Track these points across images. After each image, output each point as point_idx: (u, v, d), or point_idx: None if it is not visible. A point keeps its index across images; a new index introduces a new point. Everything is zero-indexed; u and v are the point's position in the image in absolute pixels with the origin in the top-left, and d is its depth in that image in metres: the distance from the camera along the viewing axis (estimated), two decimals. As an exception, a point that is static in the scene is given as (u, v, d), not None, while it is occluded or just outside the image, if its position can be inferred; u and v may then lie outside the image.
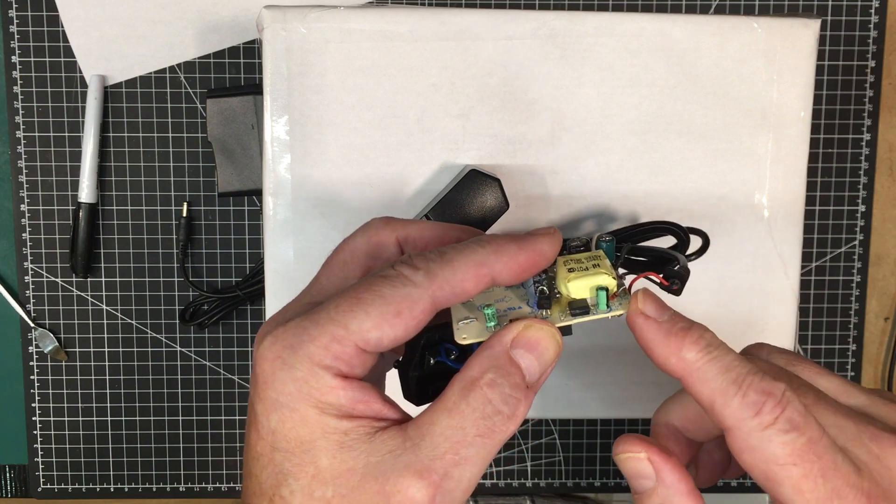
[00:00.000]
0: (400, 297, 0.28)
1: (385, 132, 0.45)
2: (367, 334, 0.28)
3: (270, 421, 0.28)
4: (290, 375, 0.28)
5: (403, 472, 0.27)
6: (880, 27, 0.58)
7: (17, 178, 0.58)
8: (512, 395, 0.28)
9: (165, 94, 0.57)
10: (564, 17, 0.45)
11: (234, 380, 0.60)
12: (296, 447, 0.28)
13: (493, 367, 0.29)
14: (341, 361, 0.28)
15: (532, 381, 0.29)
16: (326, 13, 0.44)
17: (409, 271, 0.29)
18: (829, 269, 0.60)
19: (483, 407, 0.28)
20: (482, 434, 0.28)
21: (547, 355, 0.29)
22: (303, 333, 0.28)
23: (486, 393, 0.28)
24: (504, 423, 0.28)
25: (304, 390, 0.27)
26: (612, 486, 0.62)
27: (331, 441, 0.27)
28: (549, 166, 0.45)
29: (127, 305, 0.59)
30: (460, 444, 0.27)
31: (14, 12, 0.57)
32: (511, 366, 0.29)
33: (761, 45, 0.45)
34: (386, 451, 0.27)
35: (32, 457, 0.60)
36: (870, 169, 0.60)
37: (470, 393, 0.28)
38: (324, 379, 0.28)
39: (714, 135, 0.46)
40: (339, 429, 0.28)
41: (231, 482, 0.61)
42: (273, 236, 0.45)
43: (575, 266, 0.31)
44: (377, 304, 0.28)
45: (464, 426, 0.27)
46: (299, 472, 0.28)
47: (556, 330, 0.30)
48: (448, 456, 0.27)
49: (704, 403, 0.29)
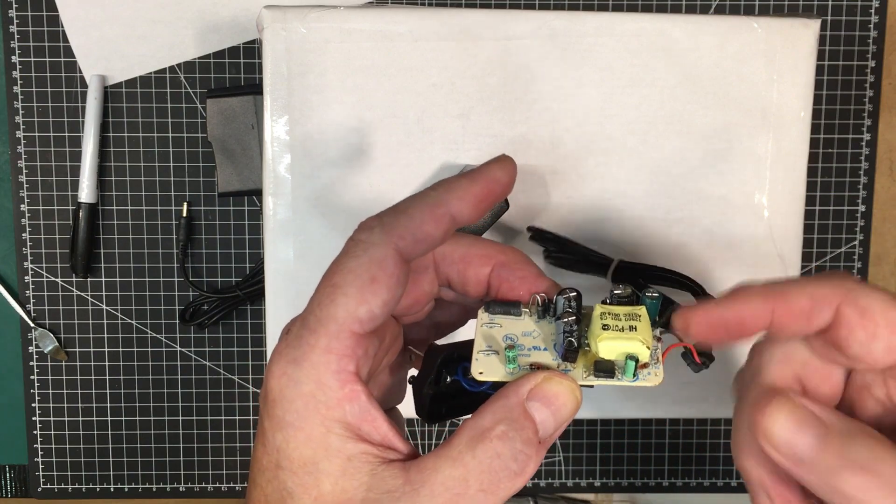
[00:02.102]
0: (366, 262, 0.28)
1: (385, 132, 0.45)
2: (355, 314, 0.27)
3: (276, 439, 0.28)
4: (296, 392, 0.27)
5: None
6: (880, 27, 0.58)
7: (17, 178, 0.58)
8: (523, 450, 0.27)
9: (165, 94, 0.57)
10: (564, 17, 0.45)
11: (234, 380, 0.60)
12: (299, 467, 0.27)
13: (506, 418, 0.27)
14: (345, 359, 0.27)
15: (545, 437, 0.28)
16: (326, 13, 0.44)
17: (364, 234, 0.28)
18: (829, 269, 0.60)
19: (490, 461, 0.27)
20: (485, 489, 0.26)
21: (564, 411, 0.28)
22: (302, 344, 0.28)
23: (496, 446, 0.27)
24: (510, 480, 0.27)
25: (311, 406, 0.27)
26: (613, 487, 0.62)
27: (334, 464, 0.27)
28: (549, 166, 0.45)
29: (127, 305, 0.59)
30: (460, 497, 0.26)
31: (14, 12, 0.57)
32: (525, 419, 0.27)
33: (761, 45, 0.45)
34: (385, 489, 0.27)
35: (32, 457, 0.60)
36: (870, 169, 0.59)
37: (478, 444, 0.27)
38: (331, 390, 0.27)
39: (714, 135, 0.46)
40: (343, 451, 0.27)
41: (231, 482, 0.61)
42: (273, 236, 0.45)
43: (611, 323, 0.29)
44: (350, 281, 0.27)
45: (467, 479, 0.26)
46: (302, 493, 0.27)
47: (576, 386, 0.28)
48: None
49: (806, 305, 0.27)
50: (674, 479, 0.62)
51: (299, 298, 0.45)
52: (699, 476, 0.62)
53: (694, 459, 0.62)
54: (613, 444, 0.62)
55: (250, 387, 0.60)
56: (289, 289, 0.46)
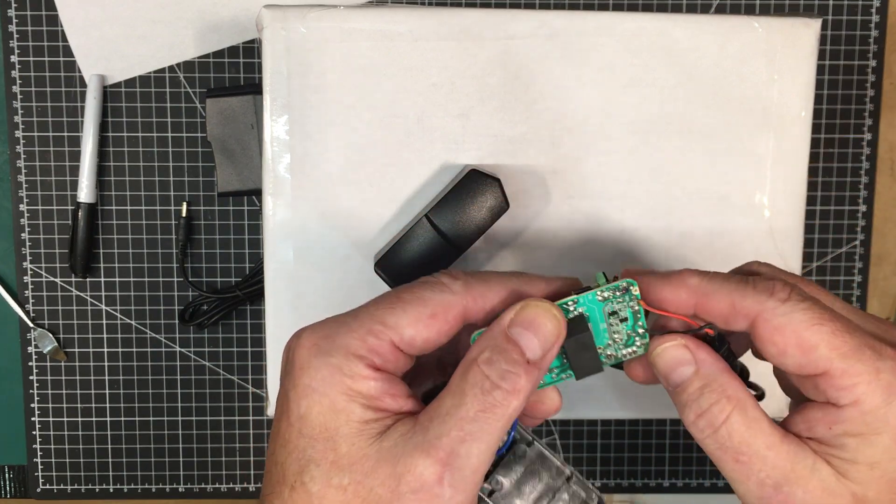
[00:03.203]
0: (437, 300, 0.30)
1: (385, 132, 0.45)
2: (402, 331, 0.30)
3: (300, 407, 0.29)
4: (324, 361, 0.29)
5: (413, 452, 0.28)
6: (881, 27, 0.58)
7: (16, 178, 0.58)
8: (509, 370, 0.29)
9: (165, 93, 0.57)
10: (564, 17, 0.45)
11: (233, 380, 0.60)
12: (320, 433, 0.29)
13: (489, 346, 0.30)
14: (375, 354, 0.29)
15: (534, 358, 0.30)
16: (326, 13, 0.44)
17: (448, 280, 0.31)
18: (830, 269, 0.60)
19: (481, 383, 0.29)
20: (484, 409, 0.28)
21: (546, 331, 0.30)
22: (341, 326, 0.30)
23: (483, 370, 0.29)
24: (504, 398, 0.28)
25: (337, 376, 0.29)
26: (613, 487, 0.62)
27: (352, 428, 0.29)
28: (549, 166, 0.45)
29: (127, 305, 0.59)
30: (464, 420, 0.28)
31: (13, 12, 0.56)
32: (508, 343, 0.30)
33: (762, 44, 0.45)
34: (398, 435, 0.28)
35: (32, 457, 0.60)
36: (870, 169, 0.59)
37: (468, 372, 0.29)
38: (357, 367, 0.29)
39: (714, 135, 0.46)
40: (362, 418, 0.29)
41: (231, 482, 0.61)
42: (273, 236, 0.45)
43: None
44: (415, 304, 0.30)
45: (465, 403, 0.28)
46: (321, 459, 0.29)
47: (554, 306, 0.31)
48: (453, 433, 0.28)
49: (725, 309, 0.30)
50: (674, 479, 0.62)
51: (299, 299, 0.45)
52: (699, 476, 0.62)
53: (694, 459, 0.62)
54: (613, 444, 0.62)
55: (250, 387, 0.60)
56: (289, 289, 0.45)
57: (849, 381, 0.29)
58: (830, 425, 0.29)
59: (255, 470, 0.61)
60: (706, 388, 0.30)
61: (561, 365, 0.33)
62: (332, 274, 0.45)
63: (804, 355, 0.29)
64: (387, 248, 0.43)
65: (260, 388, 0.60)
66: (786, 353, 0.29)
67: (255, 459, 0.61)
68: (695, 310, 0.32)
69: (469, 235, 0.42)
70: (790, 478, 0.29)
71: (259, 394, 0.60)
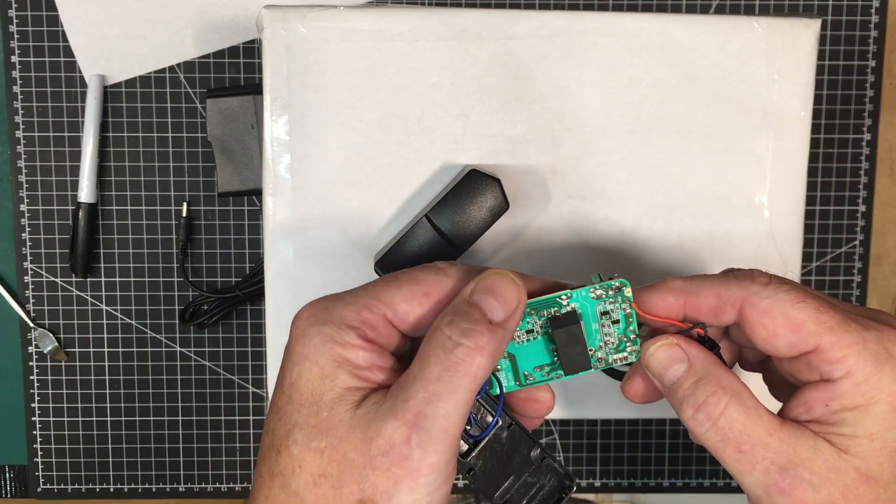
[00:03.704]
0: (431, 280, 0.31)
1: (385, 132, 0.45)
2: (396, 306, 0.31)
3: (292, 374, 0.30)
4: (318, 330, 0.30)
5: (383, 416, 0.29)
6: (881, 27, 0.58)
7: (16, 178, 0.58)
8: (471, 327, 0.29)
9: (165, 94, 0.57)
10: (564, 17, 0.45)
11: (234, 380, 0.60)
12: (307, 398, 0.30)
13: (451, 311, 0.30)
14: (368, 326, 0.30)
15: (497, 319, 0.30)
16: (326, 13, 0.44)
17: (444, 265, 0.32)
18: (830, 269, 0.60)
19: (443, 343, 0.29)
20: (446, 368, 0.29)
21: (507, 294, 0.31)
22: (338, 300, 0.31)
23: (445, 331, 0.29)
24: (467, 354, 0.29)
25: (328, 344, 0.30)
26: (613, 487, 0.62)
27: (335, 394, 0.29)
28: (549, 166, 0.45)
29: (127, 305, 0.59)
30: (428, 381, 0.29)
31: (14, 12, 0.57)
32: (468, 307, 0.30)
33: (762, 45, 0.45)
34: (371, 403, 0.29)
35: (32, 457, 0.60)
36: (870, 169, 0.59)
37: (432, 336, 0.30)
38: (348, 336, 0.30)
39: (714, 135, 0.46)
40: (345, 385, 0.30)
41: (231, 482, 0.61)
42: (273, 236, 0.45)
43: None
44: (409, 283, 0.31)
45: (428, 366, 0.29)
46: (304, 423, 0.29)
47: (513, 273, 0.32)
48: (419, 395, 0.29)
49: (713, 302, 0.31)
50: (674, 479, 0.62)
51: (299, 298, 0.45)
52: (699, 476, 0.62)
53: (694, 459, 0.62)
54: (613, 444, 0.62)
55: (250, 387, 0.60)
56: (289, 289, 0.45)
57: (839, 353, 0.29)
58: (827, 402, 0.30)
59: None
60: (701, 381, 0.31)
61: (552, 363, 0.33)
62: (332, 274, 0.45)
63: (793, 333, 0.30)
64: (387, 248, 0.43)
65: (260, 388, 0.60)
66: (776, 333, 0.30)
67: (256, 459, 0.61)
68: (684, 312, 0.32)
69: (469, 235, 0.43)
70: (794, 461, 0.29)
71: (259, 394, 0.60)
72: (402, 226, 0.44)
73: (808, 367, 0.30)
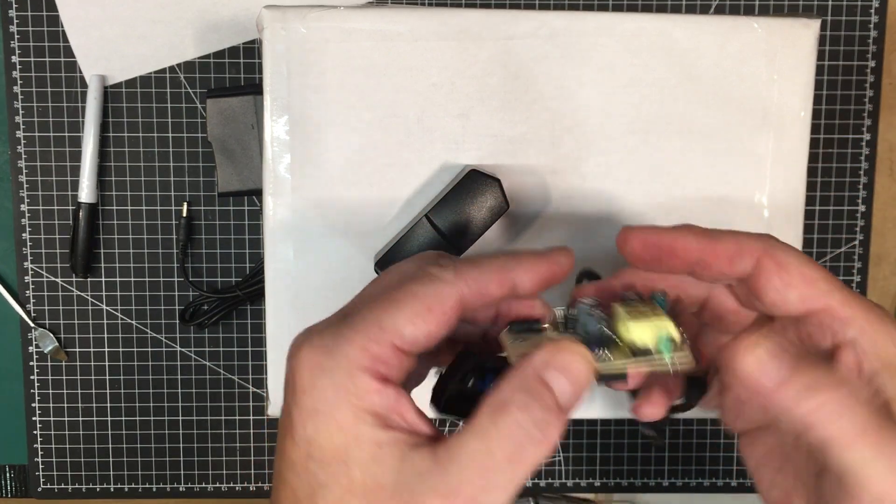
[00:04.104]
0: (431, 293, 0.29)
1: (385, 132, 0.45)
2: (402, 330, 0.28)
3: (307, 429, 0.28)
4: (329, 381, 0.28)
5: (430, 494, 0.27)
6: (880, 27, 0.58)
7: (17, 178, 0.58)
8: (543, 417, 0.28)
9: (165, 94, 0.57)
10: (564, 17, 0.45)
11: (234, 380, 0.60)
12: (331, 457, 0.28)
13: (523, 388, 0.28)
14: (379, 362, 0.28)
15: (565, 404, 0.28)
16: (326, 13, 0.44)
17: (437, 270, 0.30)
18: (830, 268, 0.60)
19: (512, 430, 0.27)
20: (511, 458, 0.27)
21: (579, 376, 0.29)
22: (339, 337, 0.28)
23: (517, 416, 0.27)
24: (535, 448, 0.27)
25: (342, 395, 0.28)
26: (612, 487, 0.62)
27: (364, 452, 0.28)
28: (549, 166, 0.45)
29: (127, 305, 0.59)
30: (489, 469, 0.27)
31: (14, 12, 0.57)
32: (542, 387, 0.28)
33: (761, 45, 0.45)
34: (416, 471, 0.27)
35: (32, 457, 0.60)
36: (870, 169, 0.60)
37: (499, 416, 0.28)
38: (362, 381, 0.28)
39: (714, 135, 0.46)
40: (373, 439, 0.28)
41: (231, 482, 0.61)
42: (273, 236, 0.45)
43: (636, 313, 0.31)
44: (409, 302, 0.29)
45: (492, 450, 0.27)
46: (333, 484, 0.28)
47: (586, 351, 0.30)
48: (476, 481, 0.27)
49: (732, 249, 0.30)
50: (674, 479, 0.62)
51: (299, 298, 0.45)
52: (699, 476, 0.62)
53: (694, 459, 0.62)
54: (613, 444, 0.62)
55: (250, 387, 0.60)
56: (289, 289, 0.46)
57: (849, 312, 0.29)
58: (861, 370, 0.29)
59: (255, 469, 0.61)
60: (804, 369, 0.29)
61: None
62: (332, 274, 0.45)
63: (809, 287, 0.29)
64: (387, 248, 0.43)
65: (260, 388, 0.60)
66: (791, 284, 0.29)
67: (255, 459, 0.61)
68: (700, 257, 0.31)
69: (469, 235, 0.43)
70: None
71: (259, 394, 0.60)
72: (402, 226, 0.44)
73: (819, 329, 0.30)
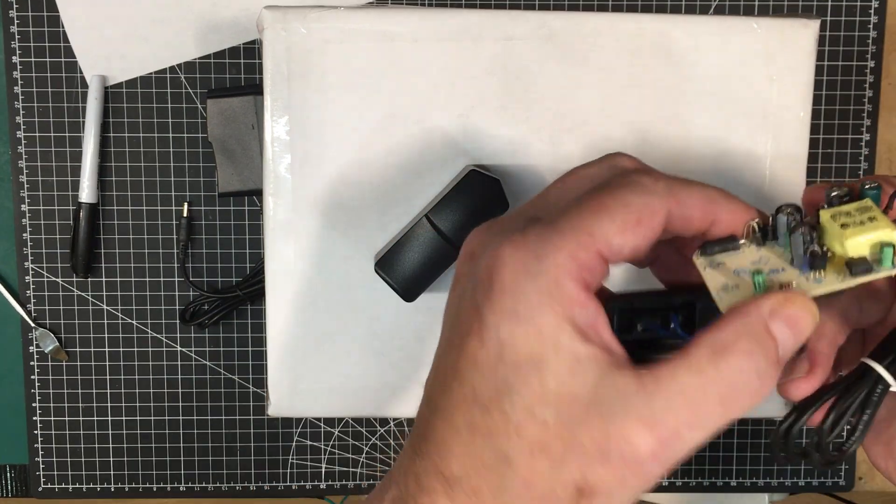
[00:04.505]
0: (642, 204, 0.28)
1: (385, 132, 0.45)
2: (611, 240, 0.27)
3: (501, 330, 0.27)
4: (533, 286, 0.27)
5: (631, 417, 0.26)
6: (879, 27, 0.58)
7: (17, 178, 0.58)
8: (767, 369, 0.27)
9: (166, 94, 0.58)
10: (564, 18, 0.45)
11: (234, 380, 0.60)
12: (525, 361, 0.27)
13: (748, 335, 0.27)
14: (585, 270, 0.27)
15: (783, 357, 0.27)
16: (326, 14, 0.44)
17: (649, 181, 0.28)
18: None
19: (733, 375, 0.26)
20: (724, 403, 0.26)
21: (804, 331, 0.28)
22: (547, 243, 0.27)
23: (740, 361, 0.26)
24: (750, 397, 0.26)
25: (546, 301, 0.27)
26: (612, 486, 0.62)
27: (562, 362, 0.26)
28: (549, 166, 0.45)
29: (127, 305, 0.59)
30: (699, 405, 0.26)
31: (14, 12, 0.57)
32: (768, 338, 0.27)
33: (761, 45, 0.45)
34: (616, 391, 0.26)
35: (33, 457, 0.60)
36: (869, 169, 0.60)
37: (722, 357, 0.26)
38: (568, 290, 0.27)
39: (714, 135, 0.46)
40: (572, 350, 0.27)
41: (231, 482, 0.61)
42: (273, 236, 0.45)
43: (847, 221, 0.28)
44: (621, 211, 0.27)
45: (706, 389, 0.26)
46: (523, 388, 0.27)
47: (814, 307, 0.28)
48: (683, 415, 0.26)
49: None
50: (674, 479, 0.62)
51: (299, 298, 0.46)
52: (699, 476, 0.62)
53: (694, 459, 0.62)
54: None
55: (250, 387, 0.60)
56: (289, 289, 0.46)
57: None
58: None
59: (255, 469, 0.61)
60: None
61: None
62: (332, 274, 0.46)
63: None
64: (387, 248, 0.43)
65: (260, 387, 0.60)
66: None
67: (255, 459, 0.61)
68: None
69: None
70: None
71: (259, 393, 0.60)
72: (402, 226, 0.44)
73: None
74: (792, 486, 0.63)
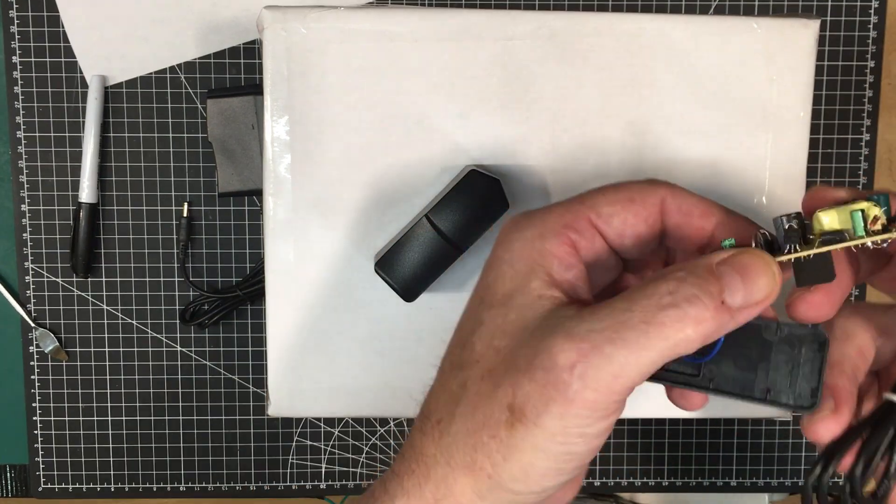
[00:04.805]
0: (635, 186, 0.30)
1: (385, 132, 0.45)
2: (600, 208, 0.30)
3: (489, 276, 0.30)
4: (518, 236, 0.30)
5: (559, 335, 0.27)
6: (879, 27, 0.58)
7: (17, 178, 0.58)
8: (698, 295, 0.26)
9: (166, 94, 0.58)
10: (564, 18, 0.45)
11: (234, 380, 0.60)
12: (498, 300, 0.29)
13: (686, 268, 0.27)
14: (571, 229, 0.30)
15: (732, 304, 0.27)
16: (326, 13, 0.44)
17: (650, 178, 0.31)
18: (829, 269, 0.60)
19: (659, 296, 0.26)
20: (649, 322, 0.26)
21: (757, 283, 0.27)
22: (544, 210, 0.31)
23: (668, 284, 0.27)
24: (678, 321, 0.26)
25: (527, 249, 0.29)
26: (612, 486, 0.62)
27: (526, 299, 0.29)
28: (549, 166, 0.45)
29: (127, 305, 0.59)
30: (623, 324, 0.26)
31: (14, 12, 0.57)
32: (709, 274, 0.27)
33: (761, 45, 0.45)
34: (557, 318, 0.28)
35: (33, 457, 0.60)
36: (869, 169, 0.60)
37: (651, 281, 0.27)
38: (549, 243, 0.29)
39: (714, 135, 0.46)
40: (537, 291, 0.29)
41: (231, 482, 0.61)
42: (273, 236, 0.45)
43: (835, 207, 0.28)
44: (613, 188, 0.31)
45: (632, 308, 0.26)
46: (489, 322, 0.29)
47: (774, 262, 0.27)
48: (606, 331, 0.26)
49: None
50: (674, 479, 0.62)
51: (299, 298, 0.46)
52: (699, 476, 0.62)
53: (694, 459, 0.62)
54: (613, 444, 0.62)
55: (250, 387, 0.60)
56: (289, 289, 0.46)
57: None
58: None
59: (255, 469, 0.61)
60: None
61: None
62: (332, 274, 0.46)
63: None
64: (387, 248, 0.43)
65: (260, 387, 0.60)
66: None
67: (255, 459, 0.61)
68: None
69: (469, 235, 0.43)
70: None
71: (259, 393, 0.60)
72: (402, 226, 0.44)
73: None
74: (792, 486, 0.63)
